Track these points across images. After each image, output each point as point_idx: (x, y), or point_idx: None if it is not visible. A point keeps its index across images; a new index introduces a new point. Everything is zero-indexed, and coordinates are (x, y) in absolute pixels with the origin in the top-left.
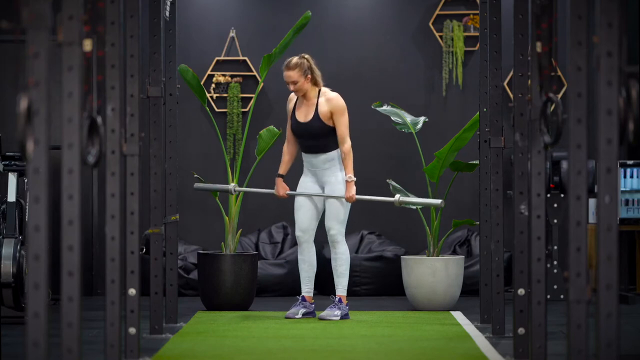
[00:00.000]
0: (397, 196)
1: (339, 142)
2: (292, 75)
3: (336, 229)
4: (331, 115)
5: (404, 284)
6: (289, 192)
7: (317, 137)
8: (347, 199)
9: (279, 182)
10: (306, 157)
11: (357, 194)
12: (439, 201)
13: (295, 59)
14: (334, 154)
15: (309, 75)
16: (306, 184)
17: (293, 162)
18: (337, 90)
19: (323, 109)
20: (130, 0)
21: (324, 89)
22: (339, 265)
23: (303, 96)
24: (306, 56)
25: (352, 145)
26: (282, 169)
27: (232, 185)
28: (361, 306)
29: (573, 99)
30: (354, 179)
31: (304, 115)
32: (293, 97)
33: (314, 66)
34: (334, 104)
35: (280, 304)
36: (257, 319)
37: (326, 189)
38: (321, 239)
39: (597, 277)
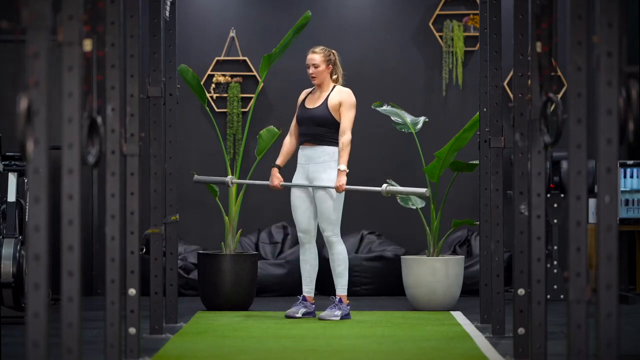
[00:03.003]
0: (384, 186)
1: (340, 132)
2: (315, 58)
3: (330, 230)
4: (339, 107)
5: (404, 284)
6: (283, 183)
7: (319, 125)
8: (337, 188)
9: (274, 172)
10: (302, 150)
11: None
12: (423, 190)
13: (322, 46)
14: (331, 149)
15: (331, 66)
16: (297, 181)
17: (291, 156)
18: None
19: (333, 98)
20: (130, 0)
21: (340, 87)
22: (336, 265)
23: (318, 87)
24: (334, 51)
25: (353, 145)
26: (280, 160)
27: (229, 178)
28: (361, 306)
29: (573, 99)
30: (347, 170)
31: (312, 103)
32: (305, 92)
33: (339, 62)
34: (344, 96)
35: (280, 304)
36: (257, 319)
37: (315, 195)
38: (321, 239)
39: (597, 277)
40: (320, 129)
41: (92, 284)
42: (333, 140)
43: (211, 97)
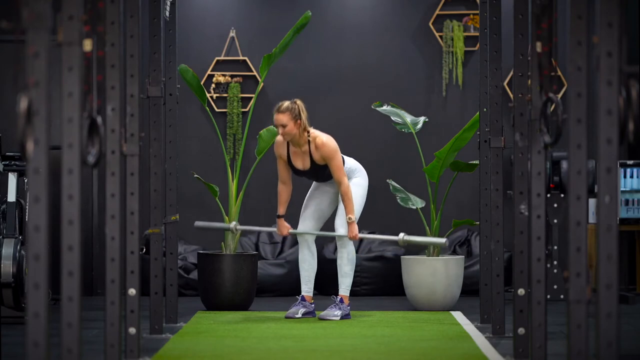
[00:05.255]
0: (402, 235)
1: (336, 184)
2: (283, 118)
3: (344, 228)
4: (324, 161)
5: (404, 284)
6: (291, 230)
7: (322, 175)
8: (350, 239)
9: (281, 222)
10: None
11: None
12: (443, 240)
13: (286, 103)
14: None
15: (299, 121)
16: (319, 188)
17: (289, 201)
18: (337, 90)
19: (316, 156)
20: (130, 0)
21: (313, 134)
22: (344, 264)
23: (292, 143)
24: (298, 101)
25: (353, 145)
26: (281, 210)
27: (233, 224)
28: (361, 306)
29: (573, 99)
30: (354, 219)
31: (301, 164)
32: (281, 145)
33: (302, 109)
34: (323, 152)
35: (280, 304)
36: (257, 319)
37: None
38: (321, 239)
39: (597, 277)
40: (324, 176)
41: (92, 284)
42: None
43: (211, 97)
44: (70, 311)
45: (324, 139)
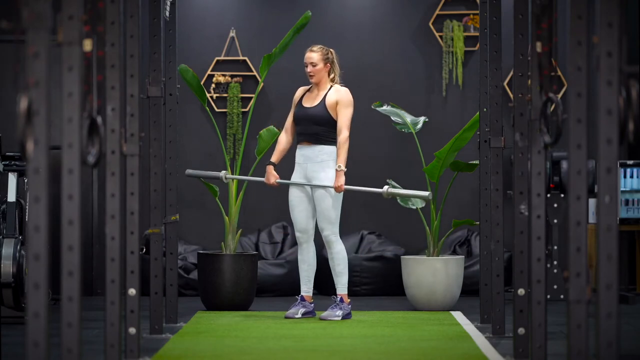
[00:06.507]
0: (386, 187)
1: (337, 130)
2: (313, 57)
3: (328, 229)
4: (336, 106)
5: (404, 284)
6: (279, 180)
7: (317, 124)
8: (336, 189)
9: (270, 169)
10: (300, 150)
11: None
12: (426, 193)
13: (320, 45)
14: (329, 149)
15: (329, 65)
16: (295, 180)
17: (286, 153)
18: None
19: (331, 97)
20: (130, 0)
21: (338, 85)
22: (336, 264)
23: (316, 85)
24: (332, 50)
25: (353, 145)
26: (275, 157)
27: (223, 173)
28: (361, 306)
29: (573, 99)
30: (344, 169)
31: (310, 102)
32: (302, 90)
33: (336, 61)
34: (341, 94)
35: (280, 304)
36: (257, 319)
37: (314, 194)
38: (319, 239)
39: (597, 277)
40: (318, 127)
41: (92, 284)
42: (331, 140)
43: (211, 97)
44: (70, 311)
45: (345, 88)
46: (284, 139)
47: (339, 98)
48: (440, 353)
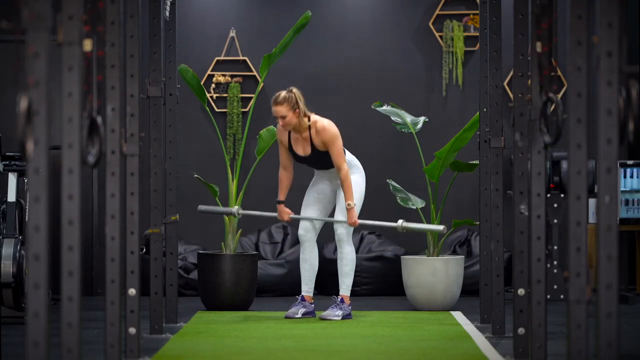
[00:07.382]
0: (400, 221)
1: (335, 169)
2: (281, 110)
3: (344, 227)
4: (325, 145)
5: (404, 284)
6: (292, 215)
7: (323, 162)
8: (350, 225)
9: (282, 208)
10: (318, 173)
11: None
12: (441, 227)
13: (283, 94)
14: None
15: (297, 109)
16: (318, 185)
17: (290, 187)
18: (337, 90)
19: (317, 141)
20: (130, 0)
21: (314, 119)
22: (344, 265)
23: (293, 130)
24: (294, 90)
25: (353, 145)
26: (281, 195)
27: (235, 208)
28: (361, 306)
29: (573, 99)
30: (354, 205)
31: (302, 150)
32: (281, 131)
33: (300, 97)
34: (324, 136)
35: (280, 304)
36: (257, 319)
37: (339, 193)
38: (321, 239)
39: (597, 277)
40: (325, 163)
41: (92, 284)
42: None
43: (211, 97)
44: (70, 311)
45: (325, 124)
46: (284, 176)
47: (323, 139)
48: (440, 353)
